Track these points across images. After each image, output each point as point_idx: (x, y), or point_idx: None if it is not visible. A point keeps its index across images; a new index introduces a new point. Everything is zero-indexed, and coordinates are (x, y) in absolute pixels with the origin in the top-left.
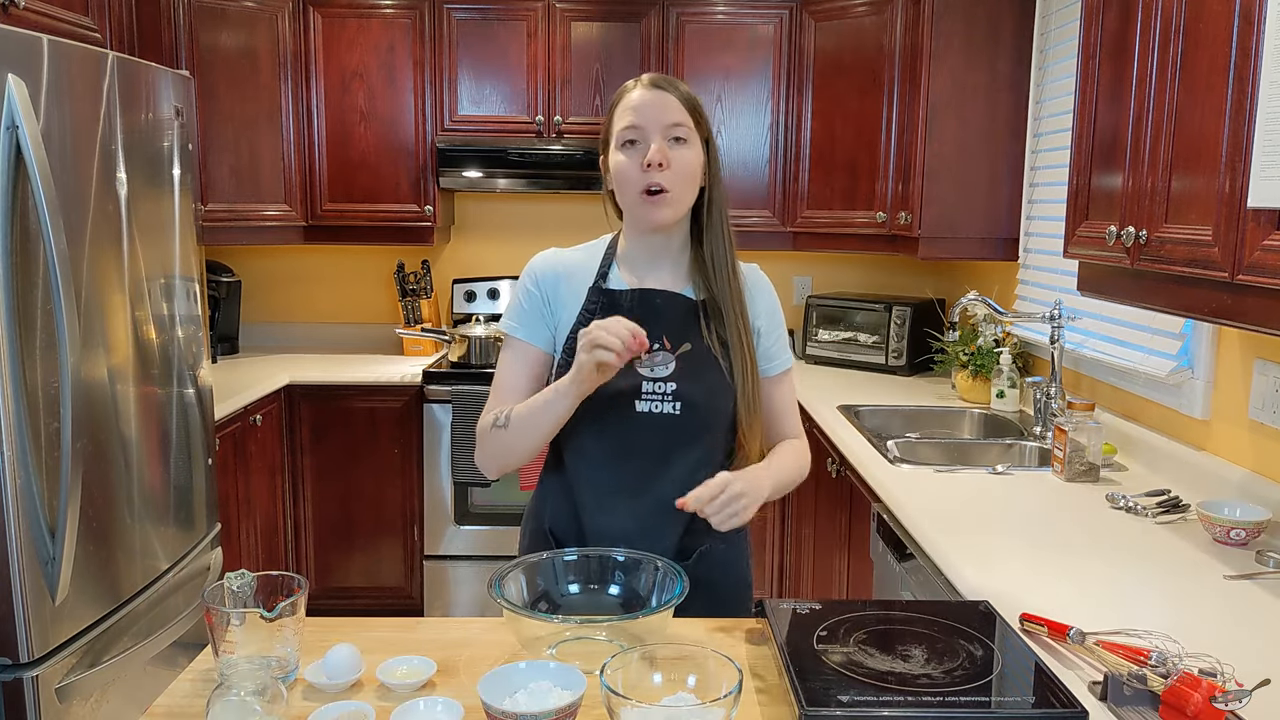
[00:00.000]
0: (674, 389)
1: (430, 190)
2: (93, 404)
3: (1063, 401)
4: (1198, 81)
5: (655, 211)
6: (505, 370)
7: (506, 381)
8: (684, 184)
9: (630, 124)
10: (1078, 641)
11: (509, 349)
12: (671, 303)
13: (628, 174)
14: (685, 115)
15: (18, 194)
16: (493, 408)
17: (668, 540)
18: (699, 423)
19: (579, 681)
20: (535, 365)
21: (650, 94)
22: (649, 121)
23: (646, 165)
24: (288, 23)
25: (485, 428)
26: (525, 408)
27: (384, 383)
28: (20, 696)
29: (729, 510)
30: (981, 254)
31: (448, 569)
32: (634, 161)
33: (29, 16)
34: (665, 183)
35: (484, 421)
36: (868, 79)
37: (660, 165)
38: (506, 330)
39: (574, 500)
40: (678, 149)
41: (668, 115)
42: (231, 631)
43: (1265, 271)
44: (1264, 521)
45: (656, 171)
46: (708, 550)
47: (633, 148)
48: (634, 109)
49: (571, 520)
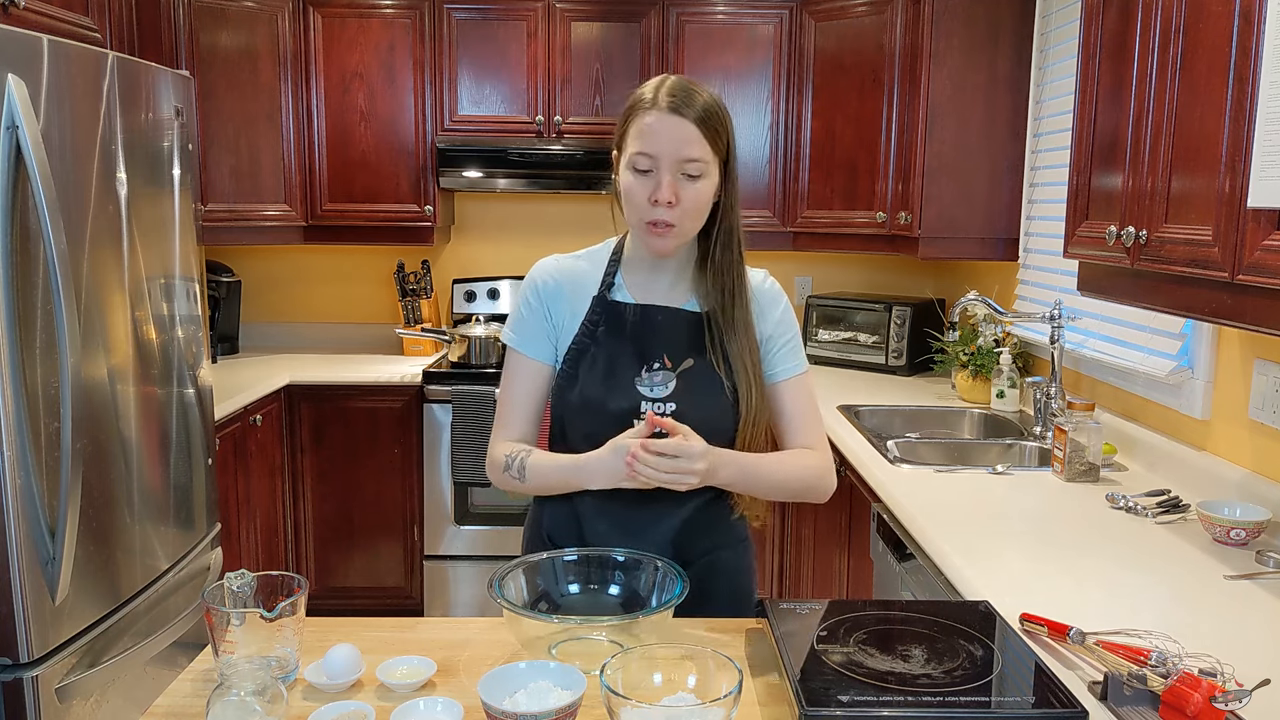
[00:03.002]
0: (674, 409)
1: (430, 190)
2: (93, 404)
3: (1063, 401)
4: (1198, 81)
5: (657, 243)
6: (510, 384)
7: (512, 399)
8: (691, 219)
9: (642, 151)
10: (1078, 641)
11: (512, 361)
12: (674, 319)
13: (635, 199)
14: (703, 147)
15: (18, 194)
16: (501, 428)
17: (664, 549)
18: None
19: (579, 681)
20: (537, 378)
21: (668, 122)
22: (662, 154)
23: (654, 202)
24: (288, 23)
25: (497, 462)
26: (541, 468)
27: (384, 383)
28: (20, 696)
29: (667, 465)
30: (981, 254)
31: (448, 569)
32: (643, 189)
33: (29, 16)
34: (671, 219)
35: (495, 457)
36: (868, 79)
37: (669, 204)
38: (508, 341)
39: (574, 510)
40: (689, 185)
41: (682, 150)
42: (231, 631)
43: (1265, 271)
44: (1264, 521)
45: (664, 209)
46: (711, 560)
47: (644, 176)
48: (648, 136)
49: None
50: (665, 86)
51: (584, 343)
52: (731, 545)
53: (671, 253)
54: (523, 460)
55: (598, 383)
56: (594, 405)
